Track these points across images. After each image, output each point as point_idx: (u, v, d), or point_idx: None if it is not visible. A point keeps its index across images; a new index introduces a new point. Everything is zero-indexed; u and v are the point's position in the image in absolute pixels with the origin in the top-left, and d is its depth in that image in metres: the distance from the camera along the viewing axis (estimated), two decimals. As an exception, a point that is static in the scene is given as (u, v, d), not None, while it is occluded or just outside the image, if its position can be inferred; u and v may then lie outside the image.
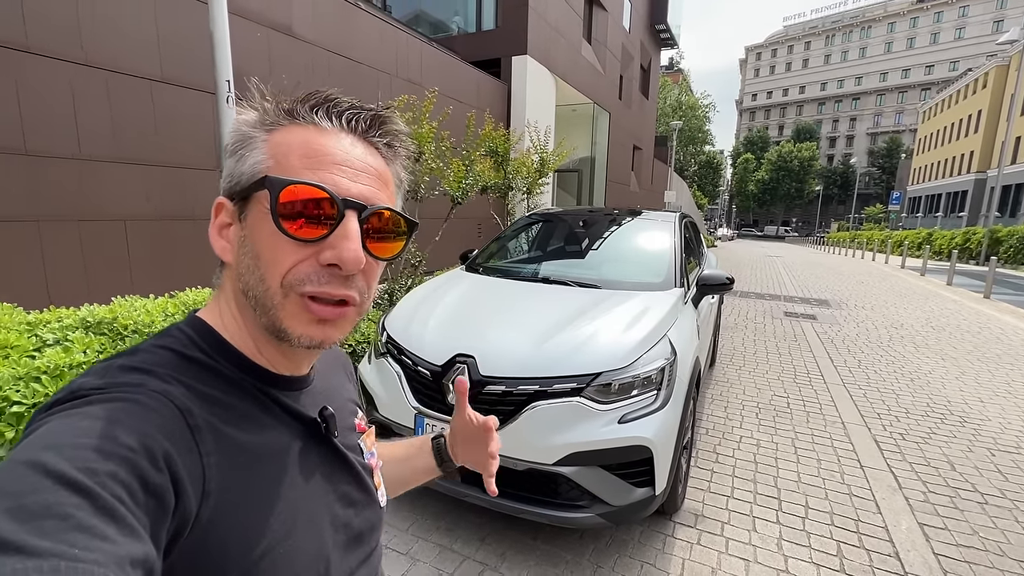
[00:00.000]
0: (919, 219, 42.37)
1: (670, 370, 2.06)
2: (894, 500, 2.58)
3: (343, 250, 0.45)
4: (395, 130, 0.51)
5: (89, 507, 0.31)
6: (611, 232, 3.54)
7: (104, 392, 0.39)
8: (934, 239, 21.77)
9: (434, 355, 2.09)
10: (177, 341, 0.47)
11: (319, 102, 0.48)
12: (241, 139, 0.48)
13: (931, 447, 3.20)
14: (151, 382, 0.42)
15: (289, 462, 0.49)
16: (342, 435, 0.58)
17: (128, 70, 4.57)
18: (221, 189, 0.49)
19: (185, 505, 0.38)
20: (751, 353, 5.30)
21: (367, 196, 0.47)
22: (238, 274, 0.48)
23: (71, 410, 0.37)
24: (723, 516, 2.40)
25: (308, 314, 0.46)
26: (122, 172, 4.55)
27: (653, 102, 22.99)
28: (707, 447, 3.10)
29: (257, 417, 0.48)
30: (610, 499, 1.88)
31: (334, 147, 0.47)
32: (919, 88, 63.83)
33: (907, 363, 5.06)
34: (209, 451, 0.41)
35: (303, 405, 0.53)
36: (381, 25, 7.62)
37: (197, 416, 0.42)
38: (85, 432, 0.35)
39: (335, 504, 0.54)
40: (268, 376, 0.50)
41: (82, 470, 0.32)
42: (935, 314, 7.84)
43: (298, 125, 0.47)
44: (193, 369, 0.45)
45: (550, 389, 1.90)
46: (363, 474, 0.59)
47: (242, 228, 0.47)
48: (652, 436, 1.88)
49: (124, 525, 0.32)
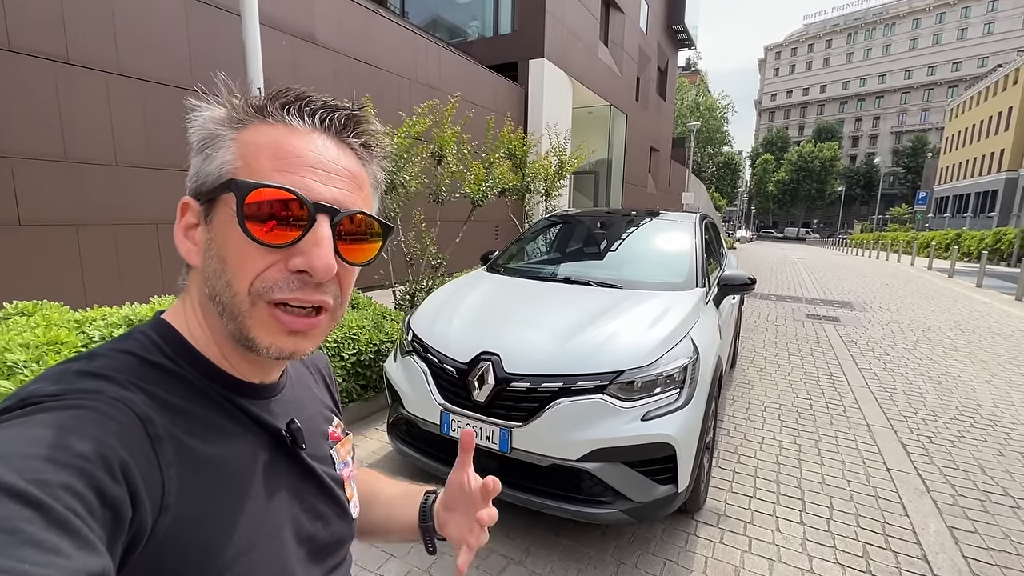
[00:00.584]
0: (946, 219, 41.15)
1: (692, 369, 2.08)
2: (922, 503, 2.54)
3: (313, 257, 0.43)
4: (371, 130, 0.49)
5: (40, 520, 0.29)
6: (631, 233, 3.56)
7: (58, 399, 0.37)
8: (963, 240, 21.15)
9: (459, 353, 2.14)
10: (139, 345, 0.45)
11: (291, 100, 0.45)
12: (207, 137, 0.45)
13: (960, 450, 3.14)
14: (110, 388, 0.39)
15: (254, 475, 0.47)
16: (312, 445, 0.55)
17: (162, 79, 4.75)
18: (187, 188, 0.47)
19: (141, 518, 0.36)
20: (772, 355, 5.24)
21: (340, 200, 0.45)
22: (204, 278, 0.45)
23: (22, 418, 0.35)
24: (746, 516, 2.40)
25: (277, 324, 0.44)
26: (155, 178, 4.72)
27: (670, 103, 22.85)
28: (728, 448, 3.09)
29: (222, 426, 0.46)
30: (633, 495, 1.90)
31: (306, 148, 0.44)
32: (946, 85, 62.12)
33: (935, 366, 4.96)
34: (169, 463, 0.39)
35: (271, 414, 0.51)
36: (400, 31, 7.75)
37: (158, 425, 0.40)
38: (36, 441, 0.33)
39: (301, 516, 0.52)
40: (234, 383, 0.48)
41: (32, 481, 0.30)
42: (964, 316, 7.64)
43: (268, 124, 0.45)
44: (155, 375, 0.43)
45: (574, 386, 1.93)
46: (332, 487, 0.57)
47: (208, 230, 0.45)
48: (675, 433, 1.90)
49: (79, 538, 0.30)
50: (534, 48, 10.79)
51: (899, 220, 51.79)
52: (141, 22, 4.56)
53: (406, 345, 2.44)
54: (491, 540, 2.15)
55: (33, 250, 4.04)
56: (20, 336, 1.96)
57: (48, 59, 3.98)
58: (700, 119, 40.57)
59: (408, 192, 4.38)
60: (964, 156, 42.11)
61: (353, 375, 3.19)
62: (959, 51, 61.08)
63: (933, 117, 63.11)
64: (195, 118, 0.46)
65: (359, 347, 3.18)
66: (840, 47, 72.18)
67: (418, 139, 4.35)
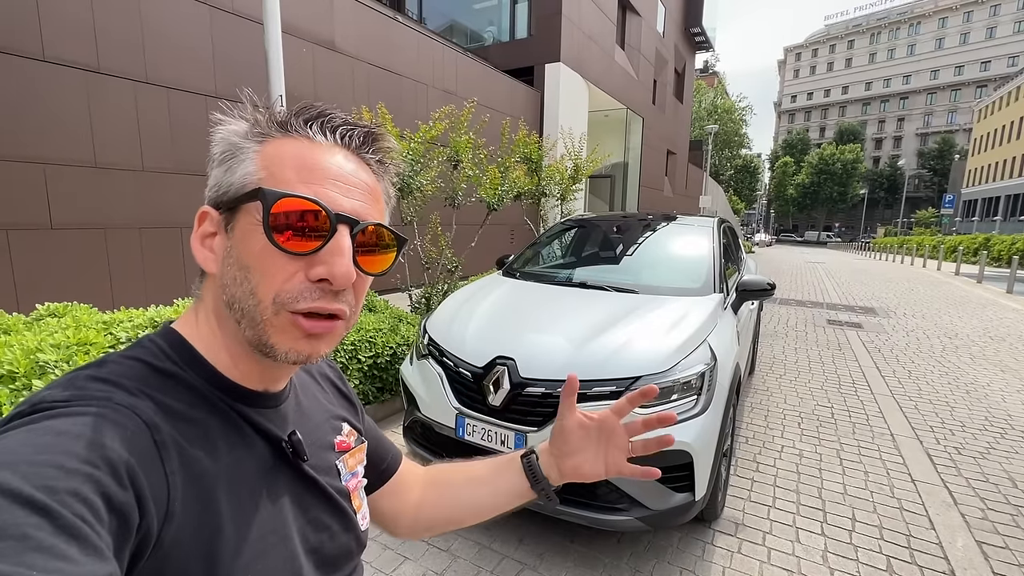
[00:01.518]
0: (975, 223, 39.94)
1: (710, 375, 2.05)
2: (949, 516, 2.46)
3: (334, 265, 0.44)
4: (387, 147, 0.52)
5: (49, 526, 0.29)
6: (648, 237, 3.54)
7: (68, 405, 0.38)
8: (992, 244, 20.48)
9: (475, 357, 2.15)
10: (148, 352, 0.46)
11: (313, 116, 0.48)
12: (230, 149, 0.47)
13: (990, 462, 3.04)
14: (117, 394, 0.40)
15: (258, 484, 0.48)
16: (315, 456, 0.55)
17: (187, 87, 4.88)
18: (206, 198, 0.48)
19: (148, 525, 0.36)
20: (792, 362, 5.15)
21: (359, 211, 0.47)
22: (222, 285, 0.46)
23: (31, 424, 0.36)
24: (764, 526, 2.36)
25: (298, 330, 0.45)
26: (180, 183, 4.85)
27: (688, 106, 22.65)
28: (747, 456, 3.04)
29: (226, 435, 0.46)
30: (649, 503, 1.88)
31: (328, 161, 0.46)
32: (974, 85, 60.43)
33: (962, 374, 4.81)
34: (174, 470, 0.40)
35: (275, 423, 0.52)
36: (418, 37, 7.84)
37: (164, 432, 0.41)
38: (45, 448, 0.33)
39: (306, 527, 0.52)
40: (239, 392, 0.49)
41: (40, 488, 0.31)
42: (994, 323, 7.40)
43: (291, 138, 0.47)
44: (163, 382, 0.44)
45: (589, 392, 1.92)
46: (337, 498, 0.57)
47: (228, 239, 0.46)
48: (692, 441, 1.88)
49: (87, 545, 0.30)
50: (550, 52, 10.81)
51: (924, 223, 50.46)
52: (167, 29, 4.69)
53: (422, 348, 2.46)
54: (504, 545, 2.15)
55: (63, 253, 4.17)
56: (51, 337, 2.03)
57: (77, 68, 4.12)
58: (718, 122, 40.14)
59: (424, 196, 4.42)
60: (994, 158, 40.86)
61: (370, 377, 3.23)
62: (988, 50, 59.42)
63: (960, 118, 61.41)
64: (218, 131, 0.47)
65: (375, 350, 3.22)
66: (863, 48, 70.78)
67: (434, 143, 4.39)
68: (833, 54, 73.92)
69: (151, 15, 4.55)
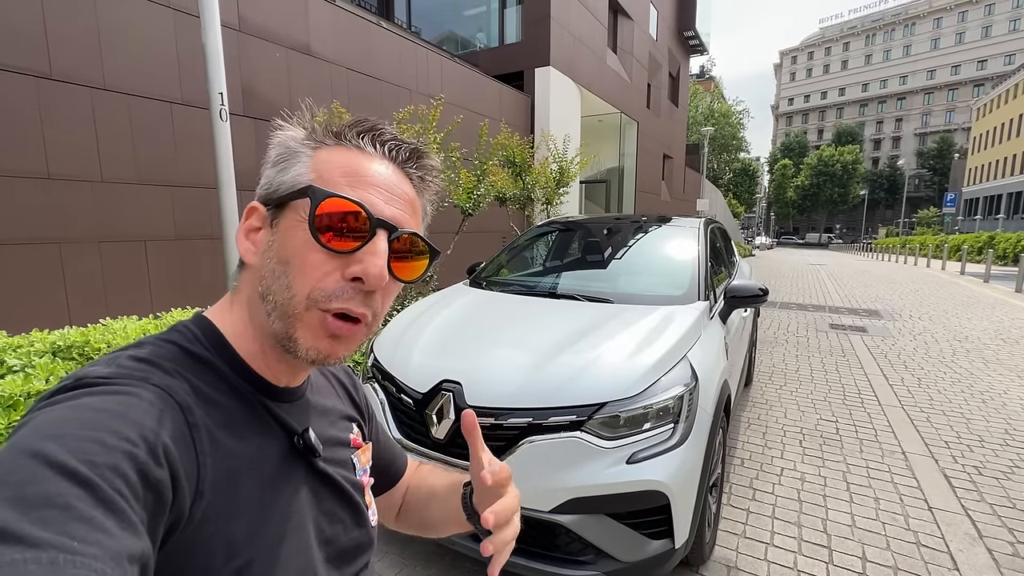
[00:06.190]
0: (977, 221, 39.56)
1: (690, 398, 1.76)
2: (974, 553, 2.14)
3: (369, 265, 0.46)
4: (430, 165, 0.54)
5: (90, 499, 0.30)
6: (629, 241, 3.25)
7: (109, 382, 0.39)
8: (996, 242, 20.12)
9: (418, 381, 1.85)
10: (183, 336, 0.48)
11: (365, 129, 0.51)
12: (287, 152, 0.50)
13: (1015, 484, 2.72)
14: (155, 375, 0.42)
15: (277, 472, 0.49)
16: (330, 451, 0.57)
17: (148, 93, 4.64)
18: (256, 195, 0.51)
19: (181, 502, 0.38)
20: (793, 371, 4.83)
21: (398, 219, 0.49)
22: (260, 276, 0.48)
23: (75, 399, 0.37)
24: (761, 568, 2.04)
25: (323, 328, 0.47)
26: (143, 193, 4.59)
27: (683, 110, 22.48)
28: (742, 481, 2.73)
29: (249, 422, 0.48)
30: (619, 554, 1.58)
31: (374, 170, 0.49)
32: (972, 84, 60.36)
33: (976, 381, 4.49)
34: (204, 451, 0.42)
35: (292, 417, 0.53)
36: (399, 41, 7.64)
37: (196, 414, 0.42)
38: (88, 423, 0.35)
39: (321, 517, 0.53)
40: (262, 384, 0.51)
41: (84, 461, 0.32)
42: (1005, 325, 7.06)
43: (343, 147, 0.50)
44: (195, 366, 0.46)
45: (545, 422, 1.63)
46: (351, 492, 0.58)
47: (272, 233, 0.49)
48: (668, 479, 1.58)
49: (123, 519, 0.31)
50: (539, 56, 10.62)
51: (926, 223, 50.05)
52: (126, 34, 4.46)
53: (367, 371, 2.17)
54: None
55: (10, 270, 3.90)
56: None
57: (29, 75, 3.88)
58: (715, 126, 40.01)
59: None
60: (994, 156, 40.62)
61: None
62: (984, 49, 59.39)
63: (959, 117, 61.27)
64: (276, 135, 0.51)
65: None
66: (858, 49, 70.87)
67: None
68: (829, 56, 73.99)
69: (108, 18, 4.32)
